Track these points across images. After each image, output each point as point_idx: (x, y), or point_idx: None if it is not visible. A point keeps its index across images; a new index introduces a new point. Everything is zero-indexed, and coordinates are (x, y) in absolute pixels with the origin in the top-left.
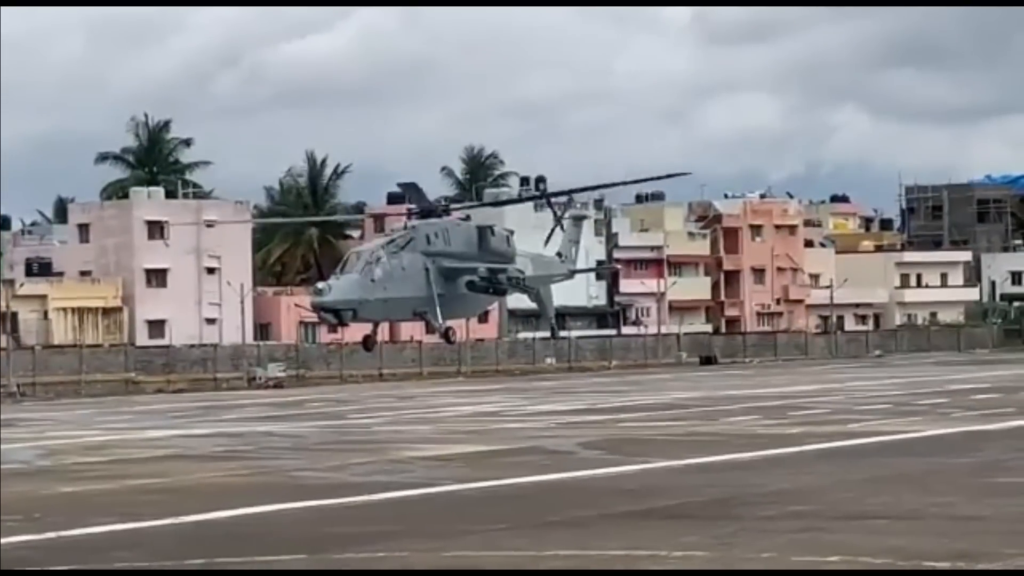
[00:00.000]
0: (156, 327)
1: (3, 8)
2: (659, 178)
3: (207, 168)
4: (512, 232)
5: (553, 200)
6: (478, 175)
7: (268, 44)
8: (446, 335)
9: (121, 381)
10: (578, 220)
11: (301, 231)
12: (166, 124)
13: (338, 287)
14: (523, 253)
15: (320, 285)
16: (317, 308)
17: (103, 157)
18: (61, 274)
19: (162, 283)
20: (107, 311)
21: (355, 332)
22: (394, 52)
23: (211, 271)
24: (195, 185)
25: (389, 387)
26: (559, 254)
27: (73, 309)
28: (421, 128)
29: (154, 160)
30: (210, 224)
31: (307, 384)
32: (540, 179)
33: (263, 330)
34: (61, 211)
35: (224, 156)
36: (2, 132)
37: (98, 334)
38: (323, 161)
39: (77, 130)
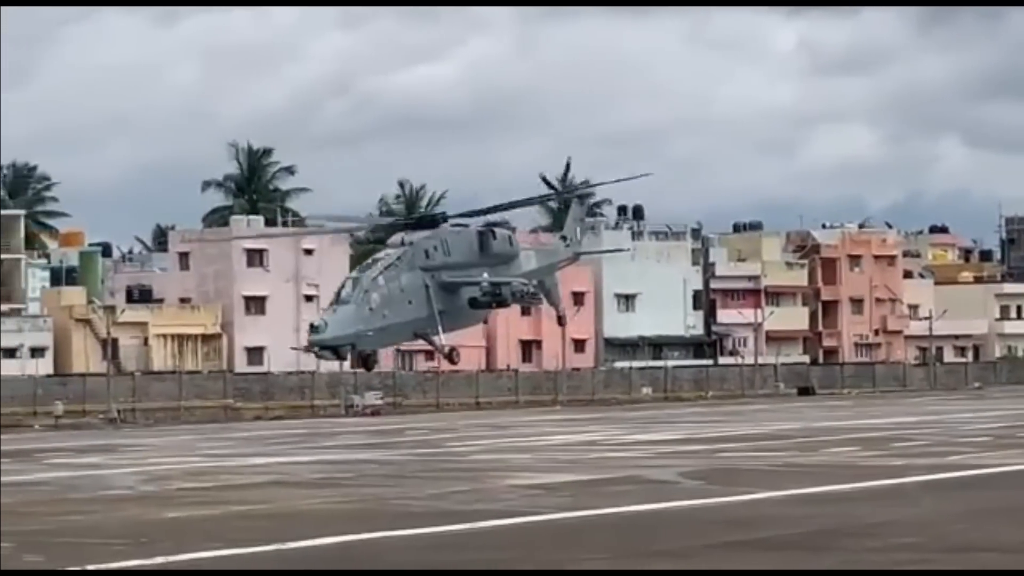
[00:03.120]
0: (255, 354)
1: (103, 32)
2: (625, 179)
3: (308, 196)
4: (514, 230)
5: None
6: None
7: (378, 73)
8: (449, 356)
9: (219, 408)
10: (582, 199)
11: None
12: (267, 152)
13: (334, 322)
14: (525, 247)
15: (316, 322)
16: (314, 346)
17: (207, 184)
18: (161, 301)
19: (261, 310)
20: (206, 338)
21: (447, 361)
22: (499, 81)
23: (309, 299)
24: (294, 213)
25: (485, 415)
26: (563, 238)
27: (173, 336)
28: (521, 157)
29: (255, 188)
30: (309, 252)
31: (403, 412)
32: (637, 208)
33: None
34: (161, 238)
35: (327, 184)
36: (104, 158)
37: (197, 361)
38: (419, 190)
39: (186, 158)
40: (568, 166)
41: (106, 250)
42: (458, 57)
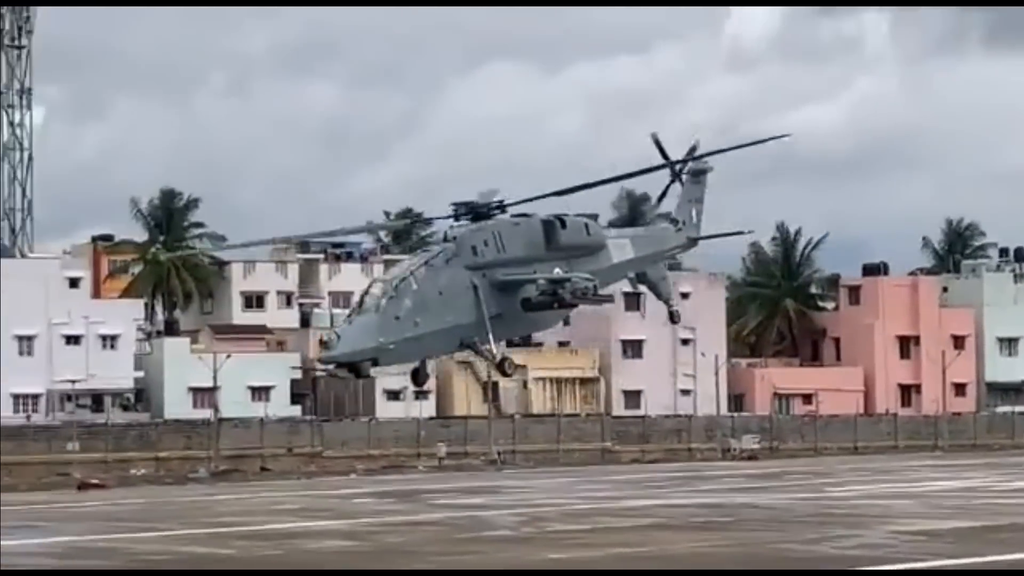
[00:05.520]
0: (632, 397)
1: (491, 80)
2: (764, 141)
3: None
4: (595, 216)
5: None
6: (956, 246)
7: (761, 116)
8: (501, 366)
9: (597, 450)
10: (698, 175)
11: (776, 302)
12: (645, 196)
13: (349, 336)
14: (621, 233)
15: (325, 336)
16: (325, 363)
17: None
18: (540, 344)
19: (638, 354)
20: (584, 381)
21: (825, 405)
22: (883, 121)
23: (685, 342)
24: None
25: (864, 460)
26: (675, 221)
27: (551, 379)
28: (905, 198)
29: None
30: (685, 295)
31: (780, 456)
32: (1020, 250)
33: (737, 401)
34: None
35: (706, 228)
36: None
37: (575, 403)
38: (797, 232)
39: (567, 203)
40: (657, 142)
41: None
42: (843, 98)
